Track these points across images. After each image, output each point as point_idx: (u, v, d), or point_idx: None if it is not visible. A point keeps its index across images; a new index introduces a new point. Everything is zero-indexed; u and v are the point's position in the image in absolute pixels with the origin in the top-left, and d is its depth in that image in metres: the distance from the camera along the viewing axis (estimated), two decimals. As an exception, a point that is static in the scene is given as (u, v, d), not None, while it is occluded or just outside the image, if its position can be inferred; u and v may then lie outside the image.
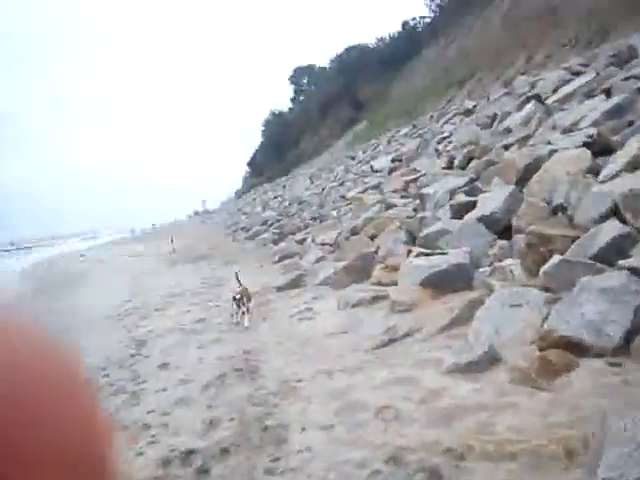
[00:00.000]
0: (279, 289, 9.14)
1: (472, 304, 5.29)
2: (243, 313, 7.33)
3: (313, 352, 5.53)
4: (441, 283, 6.36)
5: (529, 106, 12.02)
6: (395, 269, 7.44)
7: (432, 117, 24.16)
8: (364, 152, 27.94)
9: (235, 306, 7.40)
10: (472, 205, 8.17)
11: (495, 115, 14.25)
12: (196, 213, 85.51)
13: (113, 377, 6.29)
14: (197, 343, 6.95)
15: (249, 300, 7.51)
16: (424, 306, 6.02)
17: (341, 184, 20.42)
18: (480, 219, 7.42)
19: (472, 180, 9.75)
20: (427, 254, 7.27)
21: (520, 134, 10.40)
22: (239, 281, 7.20)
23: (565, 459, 2.76)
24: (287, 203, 26.36)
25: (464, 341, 4.73)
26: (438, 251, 7.23)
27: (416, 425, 3.53)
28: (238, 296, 7.42)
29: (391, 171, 16.25)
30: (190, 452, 3.92)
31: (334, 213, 15.12)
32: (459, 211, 8.38)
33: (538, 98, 12.28)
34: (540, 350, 3.99)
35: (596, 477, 2.53)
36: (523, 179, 7.89)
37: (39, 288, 18.41)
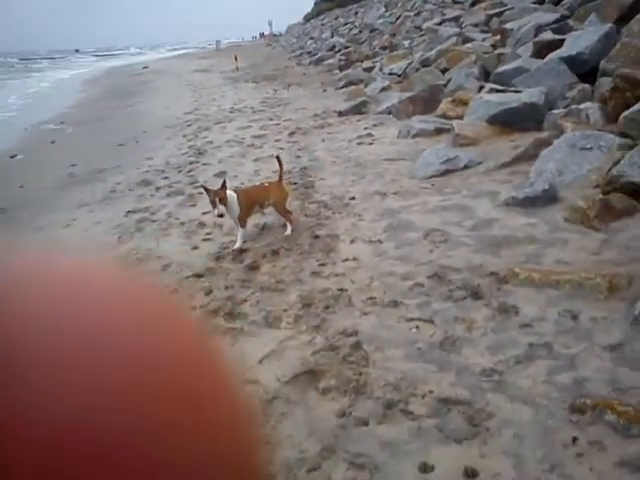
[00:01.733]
0: (341, 114, 8.97)
1: (539, 143, 5.08)
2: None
3: (369, 174, 5.51)
4: (510, 121, 6.10)
5: None
6: (464, 103, 7.14)
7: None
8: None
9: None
10: (558, 44, 7.55)
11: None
12: (262, 35, 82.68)
13: (172, 179, 6.50)
14: (254, 156, 7.01)
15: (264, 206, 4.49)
16: (488, 142, 5.83)
17: (417, 14, 19.12)
18: (564, 59, 6.90)
19: (564, 17, 8.95)
20: (500, 91, 6.92)
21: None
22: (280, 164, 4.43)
23: (607, 292, 2.75)
24: (358, 30, 25.13)
25: (525, 178, 4.59)
26: (512, 89, 6.85)
27: (463, 249, 3.55)
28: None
29: (474, 3, 15.03)
30: (242, 250, 4.10)
31: (406, 43, 14.36)
32: (542, 49, 7.79)
33: None
34: (604, 194, 3.85)
35: (634, 309, 2.53)
36: (625, 17, 7.17)
37: (103, 95, 18.69)
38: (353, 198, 4.85)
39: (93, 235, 5.02)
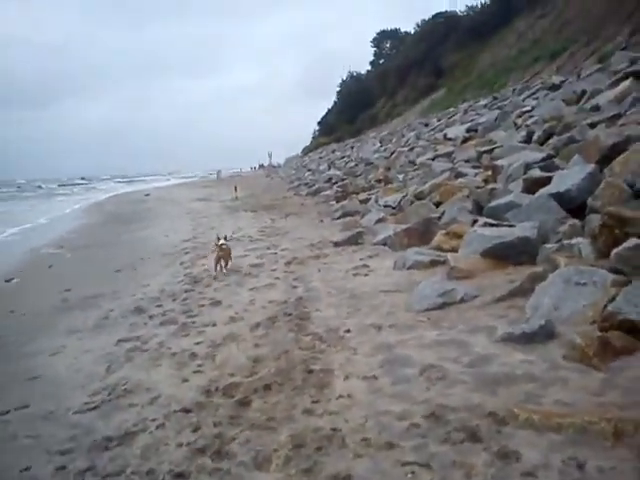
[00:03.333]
0: (337, 244, 9.12)
1: (534, 277, 5.10)
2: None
3: (364, 306, 5.49)
4: (504, 255, 6.19)
5: (625, 83, 11.32)
6: (457, 236, 7.29)
7: (515, 90, 23.23)
8: (439, 120, 27.25)
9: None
10: (546, 181, 7.83)
11: (584, 92, 13.52)
12: (261, 166, 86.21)
13: (166, 307, 6.46)
14: (250, 286, 7.03)
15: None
16: (483, 275, 5.88)
17: (411, 149, 20.05)
18: (553, 195, 7.12)
19: (550, 156, 9.35)
20: (493, 225, 7.09)
21: (610, 112, 9.84)
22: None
23: (613, 438, 2.63)
24: (354, 164, 26.20)
25: (521, 313, 4.58)
26: (505, 223, 7.03)
27: (461, 387, 3.46)
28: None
29: (465, 140, 15.82)
30: (232, 384, 3.98)
31: (400, 177, 14.91)
32: (532, 186, 8.06)
33: (637, 75, 11.54)
34: (601, 331, 3.81)
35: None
36: (606, 159, 7.49)
37: (104, 222, 19.11)
38: (348, 331, 4.79)
39: (82, 364, 4.90)
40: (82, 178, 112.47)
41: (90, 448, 3.39)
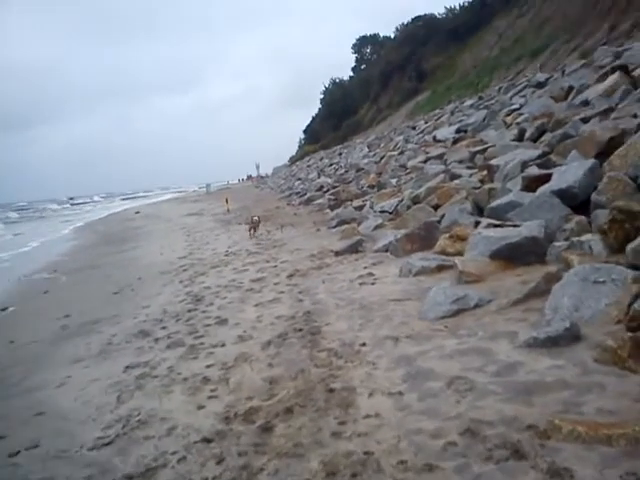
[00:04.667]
0: (337, 253, 8.98)
1: (548, 278, 4.98)
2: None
3: (376, 317, 5.34)
4: (512, 256, 6.09)
5: (613, 77, 11.32)
6: (461, 239, 7.18)
7: (500, 89, 23.28)
8: (426, 122, 27.27)
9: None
10: (545, 178, 7.76)
11: (571, 88, 13.55)
12: (249, 177, 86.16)
13: (171, 329, 6.29)
14: (255, 301, 6.87)
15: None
16: (494, 278, 5.76)
17: (401, 153, 20.01)
18: (555, 192, 7.04)
19: (545, 153, 9.30)
20: (497, 225, 6.99)
21: (601, 107, 9.83)
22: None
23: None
24: (344, 170, 26.16)
25: (540, 315, 4.45)
26: (509, 223, 6.93)
27: (492, 398, 3.32)
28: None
29: (455, 141, 15.78)
30: (252, 409, 3.82)
31: (393, 181, 14.83)
32: (531, 184, 7.99)
33: (624, 69, 11.55)
34: (629, 331, 3.69)
35: None
36: (604, 153, 7.45)
37: (96, 242, 18.87)
38: (364, 344, 4.64)
39: (90, 395, 4.71)
40: (70, 198, 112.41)
41: (110, 488, 3.22)
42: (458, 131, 17.37)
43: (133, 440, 3.71)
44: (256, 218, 13.95)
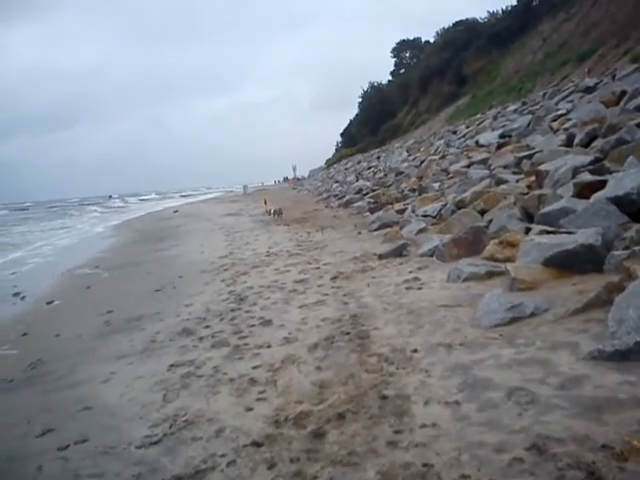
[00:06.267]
0: (381, 257, 8.83)
1: (610, 288, 4.75)
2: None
3: (426, 323, 5.18)
4: (567, 264, 5.85)
5: (672, 81, 10.93)
6: (512, 245, 6.96)
7: (545, 94, 22.78)
8: (467, 127, 26.88)
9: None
10: (599, 185, 7.49)
11: (623, 92, 13.13)
12: (285, 179, 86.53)
13: (215, 329, 6.23)
14: (299, 303, 6.78)
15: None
16: (548, 286, 5.54)
17: (442, 157, 19.73)
18: (611, 199, 6.77)
19: (598, 159, 9.00)
20: (550, 232, 6.76)
21: (658, 112, 9.46)
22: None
23: None
24: (382, 174, 25.99)
25: (602, 327, 4.23)
26: (563, 230, 6.69)
27: (558, 413, 3.14)
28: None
29: (500, 147, 15.45)
30: (302, 414, 3.71)
31: (436, 185, 14.60)
32: (584, 190, 7.73)
33: (683, 73, 11.14)
34: None
35: None
36: (663, 159, 7.17)
37: (135, 239, 19.07)
38: (416, 351, 4.49)
39: (135, 392, 4.66)
40: (110, 196, 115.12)
41: (160, 489, 3.15)
42: (502, 136, 17.04)
43: (181, 440, 3.64)
44: (278, 208, 19.48)
